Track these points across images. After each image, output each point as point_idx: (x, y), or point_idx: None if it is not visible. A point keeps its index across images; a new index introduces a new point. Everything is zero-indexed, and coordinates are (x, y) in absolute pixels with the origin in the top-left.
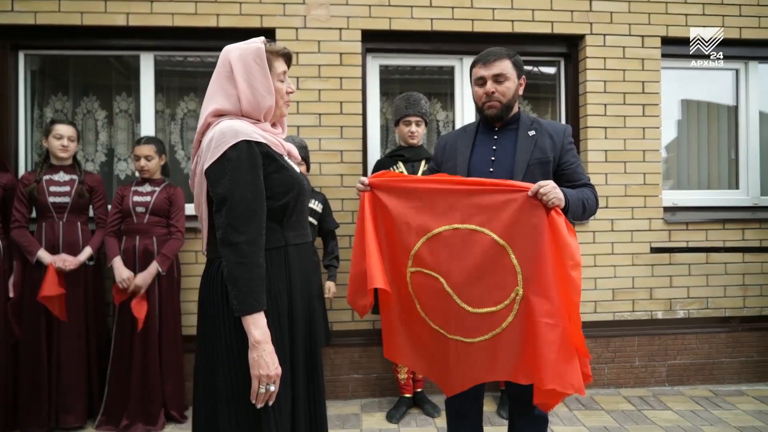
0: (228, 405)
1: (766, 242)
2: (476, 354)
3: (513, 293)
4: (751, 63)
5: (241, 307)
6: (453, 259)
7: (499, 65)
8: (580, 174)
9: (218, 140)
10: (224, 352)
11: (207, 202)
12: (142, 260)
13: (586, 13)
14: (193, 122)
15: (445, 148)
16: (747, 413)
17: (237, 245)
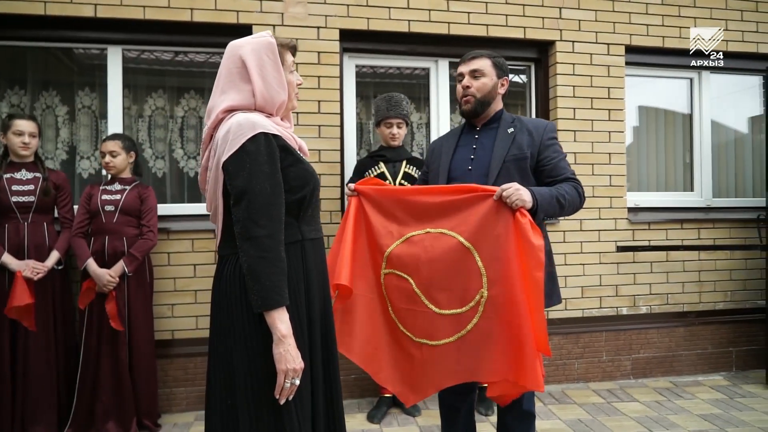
0: (248, 402)
1: (720, 241)
2: (440, 357)
3: (478, 295)
4: (704, 73)
5: (264, 303)
6: (422, 261)
7: (477, 62)
8: (561, 169)
9: (236, 132)
10: (242, 349)
11: (223, 196)
12: (112, 262)
13: (556, 20)
14: (162, 120)
15: (433, 152)
16: (705, 402)
17: (258, 239)
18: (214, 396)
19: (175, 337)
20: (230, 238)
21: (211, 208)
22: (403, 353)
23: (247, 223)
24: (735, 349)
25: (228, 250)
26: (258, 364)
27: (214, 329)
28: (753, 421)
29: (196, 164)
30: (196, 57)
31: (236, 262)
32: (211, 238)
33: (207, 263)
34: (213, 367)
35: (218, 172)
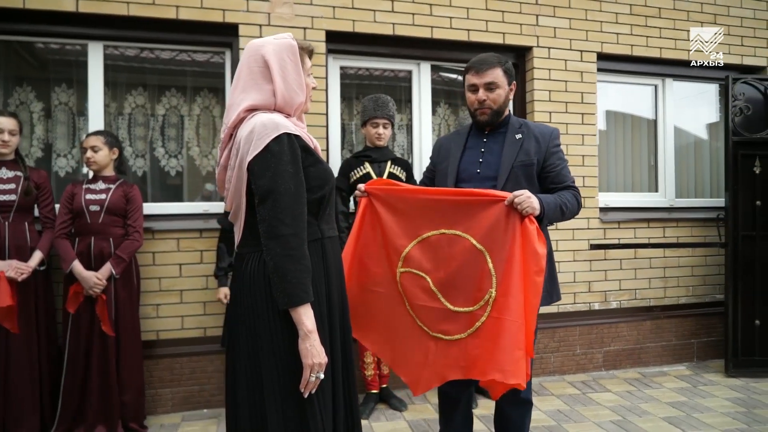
0: (274, 395)
1: (682, 239)
2: (452, 351)
3: (487, 295)
4: (668, 80)
5: (290, 300)
6: (439, 260)
7: (491, 74)
8: (563, 176)
9: (260, 133)
10: (268, 345)
11: (246, 194)
12: (98, 263)
13: (533, 27)
14: (142, 118)
15: (440, 150)
16: (672, 390)
17: (284, 237)
18: (240, 390)
19: (160, 337)
20: (251, 236)
21: (232, 206)
22: (419, 345)
23: (273, 222)
24: (696, 340)
25: (249, 248)
26: (283, 358)
27: (237, 325)
28: (716, 407)
29: (177, 163)
30: (179, 55)
31: (259, 260)
32: (196, 237)
33: (192, 263)
34: (236, 362)
35: (242, 172)
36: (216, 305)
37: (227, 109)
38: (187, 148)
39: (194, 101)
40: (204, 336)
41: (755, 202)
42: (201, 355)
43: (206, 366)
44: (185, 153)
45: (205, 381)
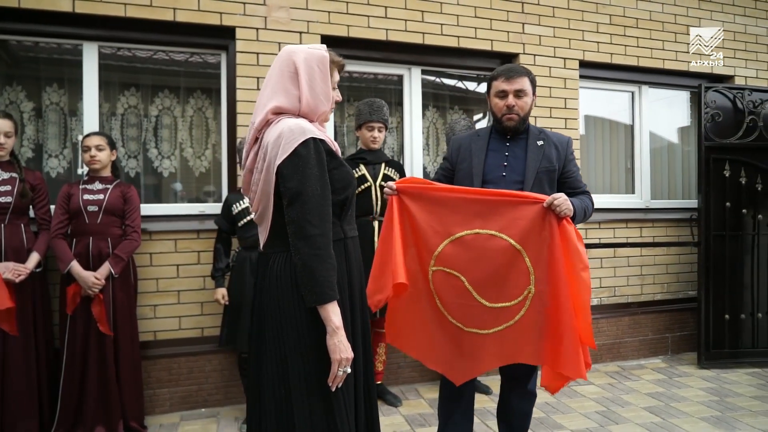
0: (301, 390)
1: (658, 238)
2: (489, 343)
3: (526, 291)
4: (644, 87)
5: (318, 298)
6: (474, 260)
7: (521, 82)
8: (579, 182)
9: (288, 137)
10: (295, 341)
11: (274, 197)
12: (97, 263)
13: (520, 35)
14: (135, 119)
15: (460, 150)
16: (650, 382)
17: (312, 238)
18: (267, 384)
19: (157, 338)
20: (278, 237)
21: (259, 208)
22: (452, 340)
23: (302, 223)
24: (670, 335)
25: (275, 247)
26: (310, 354)
27: (264, 322)
28: (691, 397)
29: (171, 164)
30: (173, 56)
31: (285, 259)
32: (193, 238)
33: (190, 263)
34: (263, 358)
35: (270, 175)
36: (213, 305)
37: (255, 109)
38: (180, 149)
39: (187, 102)
40: (201, 336)
41: (725, 204)
42: (198, 354)
43: (204, 366)
44: (178, 154)
45: (202, 380)
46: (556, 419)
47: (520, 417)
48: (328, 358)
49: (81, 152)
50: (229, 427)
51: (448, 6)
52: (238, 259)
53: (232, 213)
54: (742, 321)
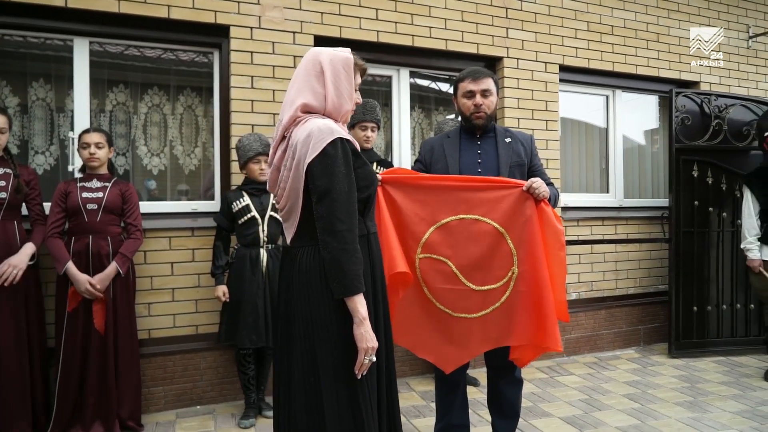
0: (328, 378)
1: (632, 235)
2: (477, 328)
3: (510, 272)
4: (618, 91)
5: (347, 290)
6: (459, 244)
7: (486, 82)
8: (545, 174)
9: (318, 137)
10: (323, 332)
11: (304, 193)
12: (96, 262)
13: (504, 39)
14: (123, 116)
15: (433, 152)
16: (626, 371)
17: (341, 233)
18: (296, 374)
19: (152, 336)
20: (306, 232)
21: (287, 204)
22: (441, 328)
23: (330, 219)
24: (643, 327)
25: (302, 242)
26: (337, 343)
27: (292, 314)
28: (665, 384)
29: (160, 161)
30: (164, 53)
31: (313, 254)
32: (187, 236)
33: (184, 261)
34: (292, 348)
35: (299, 172)
36: (208, 303)
37: (282, 108)
38: (170, 147)
39: (177, 100)
40: (196, 333)
41: (694, 202)
42: (193, 352)
43: (198, 363)
44: (168, 152)
45: (197, 378)
46: (544, 408)
47: (511, 403)
48: (353, 347)
49: (78, 149)
50: (227, 423)
51: (437, 9)
52: (238, 257)
53: (232, 211)
54: (708, 312)
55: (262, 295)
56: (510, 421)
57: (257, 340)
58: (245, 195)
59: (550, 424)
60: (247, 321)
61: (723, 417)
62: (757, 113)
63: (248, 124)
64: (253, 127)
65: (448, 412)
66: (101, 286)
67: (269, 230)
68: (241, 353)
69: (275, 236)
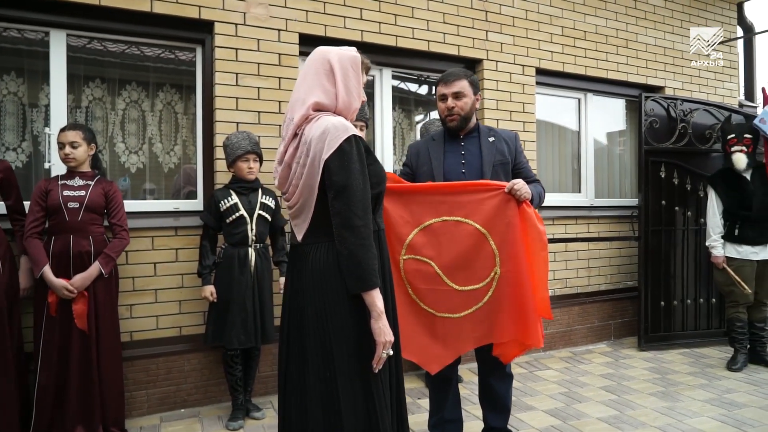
0: (346, 375)
1: (603, 234)
2: (461, 327)
3: (492, 272)
4: (589, 94)
5: (364, 284)
6: (442, 245)
7: (458, 84)
8: (530, 171)
9: (333, 134)
10: (339, 327)
11: (319, 189)
12: (78, 262)
13: (484, 42)
14: (100, 111)
15: (419, 155)
16: (600, 365)
17: (358, 228)
18: (312, 370)
19: (134, 338)
20: (319, 228)
21: (299, 201)
22: (424, 328)
23: (347, 215)
24: (613, 322)
25: (315, 239)
26: (352, 338)
27: (304, 310)
28: (637, 376)
29: (138, 159)
30: (143, 48)
31: (327, 250)
32: (171, 235)
33: (168, 261)
34: (306, 345)
35: (314, 169)
36: (191, 304)
37: (292, 104)
38: (149, 144)
39: (157, 96)
40: (180, 335)
41: (661, 202)
42: (177, 354)
43: (182, 365)
44: (147, 149)
45: (181, 381)
46: (527, 401)
47: (502, 398)
48: (368, 342)
49: (58, 147)
50: (214, 425)
51: (419, 11)
52: (226, 256)
53: (220, 210)
54: (674, 307)
55: (251, 294)
56: (502, 416)
57: (246, 341)
58: (233, 193)
59: (536, 417)
60: (235, 321)
61: (694, 405)
62: (718, 117)
63: (233, 122)
64: (237, 125)
65: (442, 408)
66: (79, 285)
67: (258, 229)
68: (228, 354)
69: (263, 235)
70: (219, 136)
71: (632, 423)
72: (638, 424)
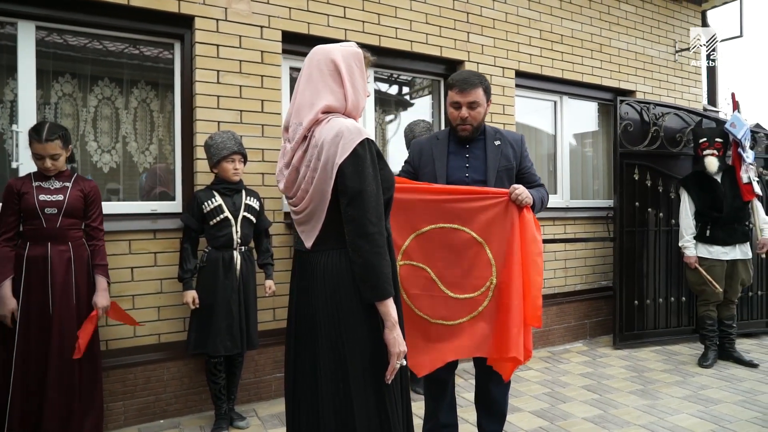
0: (360, 386)
1: (579, 234)
2: (455, 335)
3: (488, 282)
4: (565, 97)
5: (379, 294)
6: (439, 252)
7: (474, 94)
8: (534, 176)
9: (348, 137)
10: (352, 336)
11: (332, 194)
12: (59, 270)
13: (465, 43)
14: (70, 108)
15: (422, 154)
16: (579, 364)
17: (372, 236)
18: (324, 380)
19: (109, 347)
20: (332, 235)
21: (309, 206)
22: (418, 332)
23: (362, 221)
24: (589, 321)
25: (326, 245)
26: (367, 350)
27: (315, 319)
28: (616, 374)
29: (111, 159)
30: (117, 43)
31: (339, 257)
32: (149, 238)
33: (146, 265)
34: (318, 355)
35: (327, 173)
36: (170, 310)
37: (297, 108)
38: (123, 143)
39: (131, 93)
40: (158, 343)
41: (635, 203)
42: (156, 363)
43: (161, 374)
44: (120, 148)
45: (160, 390)
46: (512, 403)
47: (499, 403)
48: (380, 352)
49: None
50: None
51: (402, 11)
52: (209, 260)
53: (203, 211)
54: (646, 306)
55: (236, 299)
56: (497, 422)
57: (232, 347)
58: (217, 195)
59: (523, 419)
60: (220, 327)
61: (673, 403)
62: (687, 121)
63: (214, 121)
64: (219, 124)
65: (437, 413)
66: (106, 303)
67: (243, 231)
68: (212, 361)
69: (248, 237)
70: (199, 136)
71: (617, 422)
72: (623, 423)
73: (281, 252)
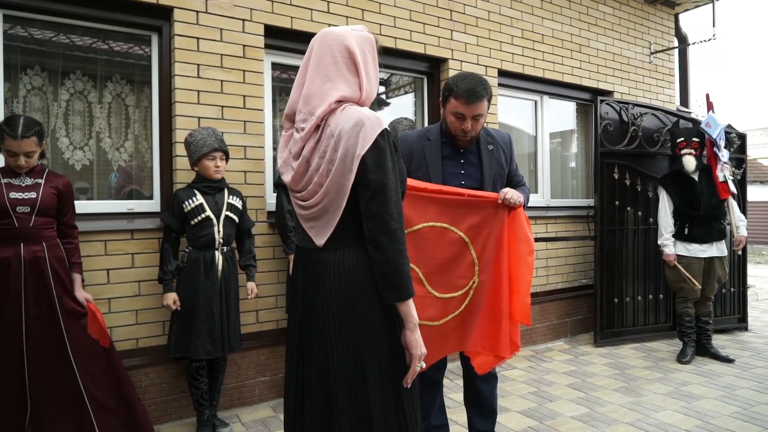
0: (379, 390)
1: (560, 233)
2: (439, 335)
3: (471, 282)
4: (545, 97)
5: (401, 294)
6: (428, 251)
7: (481, 107)
8: (519, 177)
9: (368, 127)
10: (370, 339)
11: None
12: (34, 270)
13: (449, 41)
14: (40, 102)
15: (412, 155)
16: (562, 362)
17: (394, 232)
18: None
19: None
20: (348, 231)
21: (323, 200)
22: None
23: (384, 217)
24: (570, 319)
25: (342, 243)
26: (384, 353)
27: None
28: (599, 372)
29: (84, 155)
30: (91, 33)
31: (356, 255)
32: (126, 239)
33: (123, 267)
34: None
35: (346, 166)
36: (149, 313)
37: (305, 97)
38: (97, 139)
39: (105, 87)
40: (136, 348)
41: (615, 202)
42: (134, 368)
43: (140, 380)
44: (94, 144)
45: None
46: (500, 403)
47: (488, 399)
48: (399, 354)
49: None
50: None
51: (386, 7)
52: (190, 260)
53: (184, 211)
54: (626, 303)
55: (218, 301)
56: (489, 418)
57: (213, 350)
58: (198, 193)
59: (512, 419)
60: (202, 330)
61: (656, 399)
62: (664, 121)
63: (194, 117)
64: (199, 120)
65: (429, 414)
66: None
67: (225, 231)
68: (193, 366)
69: (231, 238)
70: (179, 132)
71: (605, 420)
72: (611, 421)
73: (264, 252)
